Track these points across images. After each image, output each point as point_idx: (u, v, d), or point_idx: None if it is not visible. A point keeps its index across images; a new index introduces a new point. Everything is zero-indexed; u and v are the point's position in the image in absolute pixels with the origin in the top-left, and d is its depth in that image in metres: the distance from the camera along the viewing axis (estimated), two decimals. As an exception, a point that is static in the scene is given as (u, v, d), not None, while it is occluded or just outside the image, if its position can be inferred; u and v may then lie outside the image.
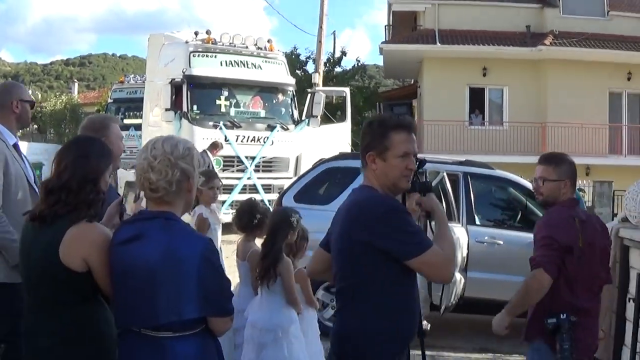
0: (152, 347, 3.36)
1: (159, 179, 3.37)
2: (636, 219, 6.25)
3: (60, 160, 3.66)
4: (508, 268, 9.66)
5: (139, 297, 3.34)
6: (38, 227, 3.58)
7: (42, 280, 3.58)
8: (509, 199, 11.02)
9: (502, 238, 9.81)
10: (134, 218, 3.60)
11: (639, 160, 30.95)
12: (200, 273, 3.31)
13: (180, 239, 3.38)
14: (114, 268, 3.45)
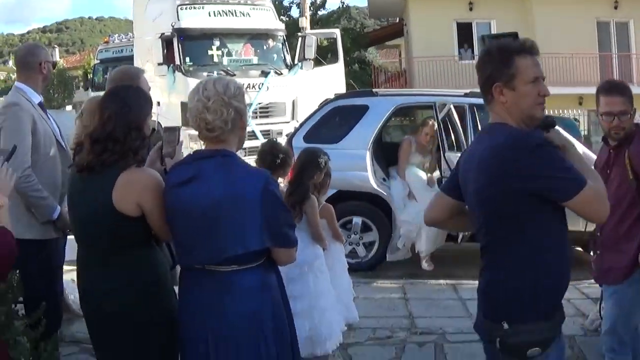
0: (218, 282, 3.46)
1: (215, 119, 3.42)
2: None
3: (103, 111, 3.70)
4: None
5: (203, 234, 3.41)
6: (87, 177, 3.63)
7: (96, 229, 3.65)
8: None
9: (510, 168, 9.84)
10: (189, 159, 3.65)
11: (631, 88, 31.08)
12: (264, 205, 3.38)
13: (241, 174, 3.45)
14: (174, 209, 3.51)
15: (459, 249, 10.44)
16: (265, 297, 3.53)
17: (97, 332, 3.83)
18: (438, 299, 8.21)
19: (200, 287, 3.51)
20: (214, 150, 3.49)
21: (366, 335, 6.76)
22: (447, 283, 9.00)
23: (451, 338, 6.72)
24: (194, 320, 3.53)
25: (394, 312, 7.67)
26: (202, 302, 3.49)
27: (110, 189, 3.54)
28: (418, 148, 10.04)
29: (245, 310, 3.45)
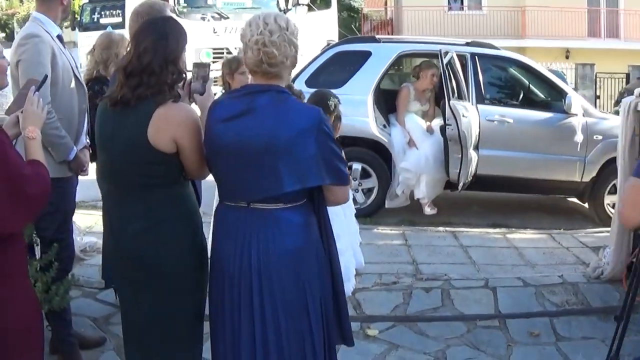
0: (264, 218, 3.46)
1: (279, 54, 3.38)
2: (655, 93, 6.46)
3: (138, 43, 3.60)
4: (518, 145, 9.90)
5: (257, 169, 3.39)
6: (120, 111, 3.56)
7: (129, 164, 3.59)
8: (513, 78, 11.13)
9: (511, 116, 9.96)
10: (239, 93, 3.60)
11: (618, 44, 31.22)
12: (319, 142, 3.37)
13: (295, 110, 3.44)
14: (221, 144, 3.47)
15: (454, 196, 10.55)
16: (309, 234, 3.55)
17: (126, 271, 3.79)
18: (439, 246, 8.30)
19: (245, 222, 3.50)
20: (268, 85, 3.45)
21: (372, 280, 6.82)
22: (446, 230, 9.10)
23: (456, 284, 6.81)
24: (233, 254, 3.52)
25: (398, 258, 7.74)
26: (246, 237, 3.48)
27: (145, 123, 3.48)
28: (417, 95, 10.06)
29: (292, 246, 3.47)
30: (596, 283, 6.85)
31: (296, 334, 3.51)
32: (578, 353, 5.61)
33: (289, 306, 3.48)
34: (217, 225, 3.67)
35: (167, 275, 3.63)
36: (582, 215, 10.71)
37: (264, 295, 3.47)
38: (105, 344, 5.36)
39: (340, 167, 3.49)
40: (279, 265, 3.45)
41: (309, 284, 3.52)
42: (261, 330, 3.48)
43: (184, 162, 3.62)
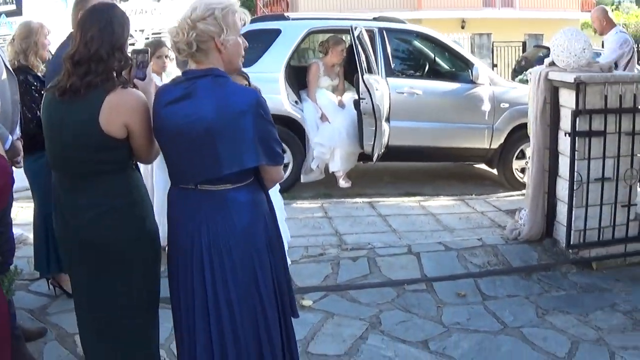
0: (212, 199, 3.58)
1: (177, 41, 3.48)
2: (563, 63, 6.79)
3: (84, 31, 3.63)
4: (427, 116, 10.19)
5: (198, 153, 3.49)
6: (69, 100, 3.59)
7: (81, 152, 3.63)
8: (421, 51, 11.42)
9: (420, 88, 10.24)
10: (180, 78, 3.67)
11: (513, 13, 32.00)
12: (256, 124, 3.47)
13: (234, 93, 3.51)
14: (166, 128, 3.56)
15: (367, 168, 10.84)
16: (257, 212, 3.67)
17: (73, 258, 3.86)
18: (359, 216, 8.51)
19: (193, 203, 3.62)
20: (206, 69, 3.54)
21: (299, 254, 6.97)
22: (363, 201, 9.33)
23: (381, 252, 7.02)
24: (185, 233, 3.64)
25: (321, 231, 7.92)
26: (196, 217, 3.60)
27: (97, 110, 3.53)
28: (326, 71, 10.23)
29: (241, 224, 3.59)
30: (514, 244, 7.18)
31: (248, 308, 3.64)
32: (505, 310, 5.88)
33: (239, 282, 3.61)
34: (170, 206, 3.77)
35: (121, 258, 3.72)
36: (491, 181, 11.10)
37: (215, 272, 3.59)
38: (46, 335, 5.36)
39: (275, 148, 3.60)
40: (229, 242, 3.57)
41: (259, 260, 3.66)
42: (214, 305, 3.61)
43: (134, 146, 3.69)
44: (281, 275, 3.83)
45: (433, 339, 5.42)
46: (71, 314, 5.40)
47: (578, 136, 6.56)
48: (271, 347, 3.73)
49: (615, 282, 6.50)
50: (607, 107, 6.59)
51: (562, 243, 6.90)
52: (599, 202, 6.72)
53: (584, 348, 5.27)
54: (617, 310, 5.91)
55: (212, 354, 3.64)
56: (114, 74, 3.64)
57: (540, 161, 7.12)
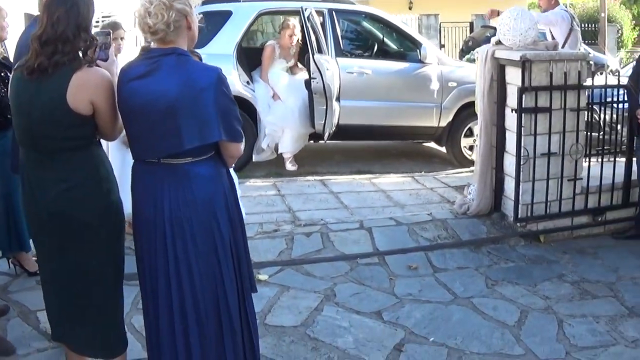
0: (174, 172, 3.69)
1: (156, 22, 3.55)
2: (509, 42, 6.98)
3: (51, 12, 3.71)
4: (377, 95, 10.34)
5: (160, 128, 3.59)
6: (37, 79, 3.68)
7: (49, 128, 3.72)
8: (370, 31, 11.56)
9: (370, 68, 10.38)
10: (143, 56, 3.75)
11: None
12: (218, 100, 3.58)
13: (195, 71, 3.62)
14: (129, 104, 3.66)
15: (317, 147, 10.98)
16: (218, 184, 3.79)
17: (40, 232, 3.95)
18: (311, 194, 8.63)
19: (156, 176, 3.73)
20: (169, 48, 3.64)
21: (254, 230, 7.04)
22: (315, 179, 9.44)
23: (333, 227, 7.15)
24: (148, 205, 3.75)
25: (275, 208, 8.02)
26: (158, 189, 3.71)
27: (64, 88, 3.63)
28: (282, 53, 10.29)
29: (201, 196, 3.70)
30: (463, 218, 7.36)
31: (208, 276, 3.78)
32: (455, 281, 6.07)
33: (200, 252, 3.74)
34: (134, 180, 3.87)
35: (87, 231, 3.81)
36: (440, 159, 11.31)
37: (176, 240, 3.72)
38: (9, 312, 5.41)
39: (235, 124, 3.72)
40: (189, 213, 3.70)
41: (219, 231, 3.78)
42: (175, 272, 3.75)
43: (99, 122, 3.79)
44: (241, 249, 3.96)
45: (386, 309, 5.57)
46: (33, 291, 5.54)
47: (524, 112, 6.76)
48: (229, 315, 3.86)
49: (563, 254, 6.73)
50: (553, 84, 6.78)
51: (510, 217, 7.11)
52: (546, 177, 6.92)
53: (533, 316, 5.47)
54: (564, 280, 6.14)
55: (172, 318, 3.78)
56: (80, 53, 3.73)
57: (487, 137, 7.30)
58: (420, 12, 26.42)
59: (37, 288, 5.42)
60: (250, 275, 4.08)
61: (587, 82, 7.11)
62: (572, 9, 28.11)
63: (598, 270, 6.36)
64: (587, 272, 6.29)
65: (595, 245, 6.97)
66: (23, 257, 5.99)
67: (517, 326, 5.33)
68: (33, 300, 5.43)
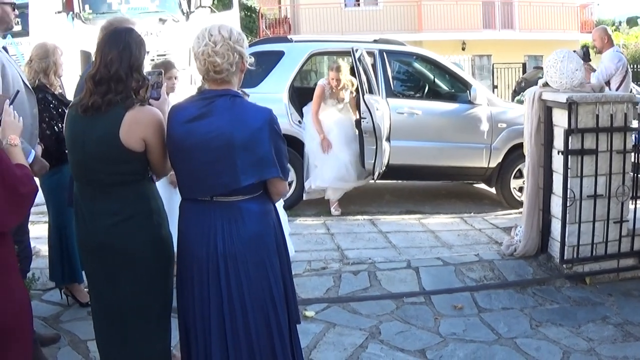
0: (226, 210, 3.85)
1: (223, 62, 3.73)
2: (556, 83, 7.06)
3: (104, 53, 3.92)
4: (427, 135, 10.44)
5: (216, 166, 3.76)
6: (91, 116, 3.88)
7: (102, 164, 3.91)
8: (420, 72, 11.70)
9: (420, 108, 10.50)
10: (197, 98, 3.96)
11: (513, 34, 32.30)
12: (271, 138, 3.75)
13: (249, 111, 3.80)
14: (185, 144, 3.81)
15: (367, 187, 11.10)
16: (267, 221, 3.94)
17: (93, 262, 4.10)
18: (360, 233, 8.75)
19: (210, 213, 3.87)
20: (223, 90, 3.82)
21: (303, 267, 7.20)
22: (364, 218, 9.57)
23: (381, 266, 7.24)
24: (200, 243, 3.89)
25: (324, 246, 8.15)
26: (212, 226, 3.86)
27: (117, 126, 3.82)
28: (333, 93, 10.41)
29: (252, 232, 3.85)
30: (510, 259, 7.40)
31: (262, 312, 3.91)
32: (500, 322, 6.11)
33: (253, 287, 3.87)
34: (183, 217, 4.02)
35: (136, 264, 3.97)
36: (490, 200, 11.35)
37: (230, 277, 3.85)
38: (59, 341, 5.59)
39: (285, 162, 3.90)
40: (243, 249, 3.83)
41: (271, 266, 3.93)
42: (229, 310, 3.87)
43: (150, 159, 3.98)
44: (287, 280, 4.09)
45: (430, 348, 5.64)
46: (83, 321, 5.73)
47: (571, 154, 6.80)
48: (283, 349, 3.98)
49: (608, 296, 6.72)
50: (599, 126, 6.83)
51: (557, 258, 7.13)
52: (592, 219, 6.94)
53: (575, 357, 5.50)
54: (608, 322, 6.14)
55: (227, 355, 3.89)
56: (133, 92, 3.93)
57: (535, 179, 7.37)
58: (473, 53, 26.58)
59: (88, 318, 5.62)
60: (295, 307, 4.19)
61: (633, 124, 7.13)
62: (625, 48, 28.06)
63: (643, 312, 6.36)
64: (631, 314, 6.28)
65: (641, 287, 6.95)
66: (75, 288, 6.21)
67: (560, 367, 5.37)
68: (84, 330, 5.62)
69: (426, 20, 32.16)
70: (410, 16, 32.52)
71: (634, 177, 7.38)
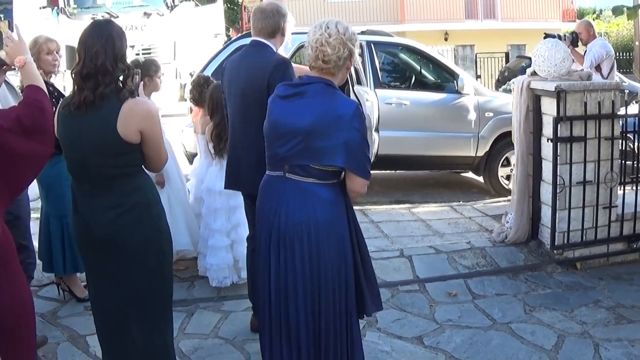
0: (295, 189, 4.00)
1: (333, 53, 3.92)
2: (545, 72, 7.14)
3: (87, 47, 3.94)
4: (415, 125, 10.53)
5: (293, 142, 3.95)
6: (86, 112, 3.90)
7: (99, 158, 3.94)
8: (407, 63, 11.76)
9: (408, 99, 10.59)
10: (296, 82, 4.24)
11: (495, 24, 32.41)
12: (348, 130, 3.88)
13: (338, 100, 3.98)
14: (274, 118, 4.08)
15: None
16: (336, 209, 4.05)
17: (92, 257, 4.15)
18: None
19: (280, 190, 4.06)
20: (319, 77, 4.01)
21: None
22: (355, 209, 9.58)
23: (374, 255, 7.19)
24: (270, 214, 4.09)
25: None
26: (279, 202, 4.04)
27: (114, 118, 3.85)
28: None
29: (326, 217, 3.98)
30: (501, 246, 7.51)
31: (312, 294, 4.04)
32: (494, 307, 6.21)
33: (307, 269, 4.01)
34: (261, 189, 4.23)
35: (138, 257, 4.02)
36: (477, 188, 11.48)
37: (279, 252, 4.05)
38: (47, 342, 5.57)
39: (363, 160, 4.02)
40: (302, 231, 3.97)
41: (341, 253, 4.05)
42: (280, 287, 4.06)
43: (145, 151, 4.02)
44: (349, 273, 4.15)
45: (427, 334, 5.74)
46: (81, 317, 5.79)
47: (560, 142, 6.91)
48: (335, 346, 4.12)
49: (599, 280, 6.84)
50: (587, 114, 6.93)
51: (547, 244, 7.24)
52: (582, 205, 7.06)
53: (570, 341, 5.61)
54: (600, 306, 6.25)
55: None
56: (120, 83, 3.98)
57: (524, 167, 7.47)
58: (456, 44, 26.68)
59: (85, 314, 5.71)
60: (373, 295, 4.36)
61: (621, 111, 7.24)
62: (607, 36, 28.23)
63: (634, 295, 6.47)
64: (622, 297, 6.41)
65: (630, 271, 7.07)
66: (73, 283, 6.25)
67: (555, 350, 5.47)
68: (82, 325, 5.69)
69: (409, 11, 32.23)
70: (393, 7, 32.60)
71: (622, 164, 7.48)
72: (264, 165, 4.24)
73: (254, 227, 4.96)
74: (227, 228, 6.49)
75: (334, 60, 3.94)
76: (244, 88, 5.07)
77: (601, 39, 10.53)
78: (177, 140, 9.88)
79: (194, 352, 5.43)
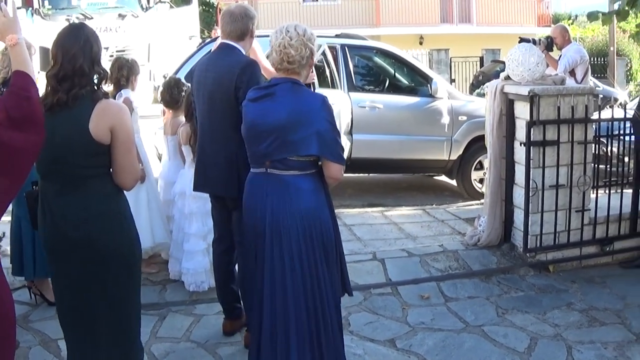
0: (278, 183, 4.25)
1: (296, 54, 4.22)
2: (518, 77, 7.17)
3: (65, 49, 3.92)
4: (388, 129, 10.53)
5: (269, 139, 4.21)
6: (59, 112, 3.86)
7: (70, 157, 3.89)
8: (381, 67, 11.78)
9: (381, 102, 10.60)
10: (265, 84, 4.52)
11: (470, 28, 32.57)
12: (318, 121, 4.17)
13: (306, 96, 4.32)
14: (249, 120, 4.35)
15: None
16: (318, 197, 4.33)
17: (60, 261, 4.06)
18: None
19: (264, 185, 4.30)
20: (286, 77, 4.30)
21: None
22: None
23: (347, 259, 6.96)
24: (257, 209, 4.33)
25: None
26: (265, 197, 4.28)
27: (87, 118, 3.83)
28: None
29: (304, 206, 4.23)
30: (474, 249, 7.52)
31: (309, 278, 4.29)
32: (467, 310, 6.21)
33: (296, 259, 4.25)
34: (247, 186, 4.48)
35: (107, 260, 3.95)
36: (450, 192, 11.51)
37: (273, 246, 4.27)
38: (30, 341, 5.58)
39: (336, 146, 4.28)
40: (288, 222, 4.21)
41: (326, 239, 4.34)
42: (274, 279, 4.30)
43: (115, 155, 3.95)
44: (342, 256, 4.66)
45: (399, 337, 5.73)
46: (53, 321, 5.69)
47: (533, 146, 6.93)
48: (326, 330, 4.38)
49: (571, 283, 6.87)
50: (560, 118, 6.96)
51: (520, 247, 7.26)
52: (554, 208, 7.08)
53: (543, 343, 5.61)
54: (573, 309, 6.27)
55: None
56: (95, 85, 3.98)
57: (497, 170, 7.48)
58: (431, 47, 26.73)
59: (57, 318, 5.56)
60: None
61: (594, 115, 7.27)
62: (582, 42, 28.40)
63: (606, 298, 6.50)
64: (595, 300, 6.43)
65: (603, 274, 7.10)
66: (45, 286, 6.17)
67: (527, 352, 5.47)
68: (54, 329, 5.59)
69: (384, 14, 32.30)
70: (368, 11, 32.68)
71: (595, 167, 7.52)
72: (233, 165, 4.64)
73: (220, 228, 5.50)
74: (204, 232, 6.43)
75: (297, 60, 4.25)
76: (212, 90, 5.15)
77: (576, 43, 10.60)
78: (150, 143, 9.80)
79: (165, 356, 5.39)
